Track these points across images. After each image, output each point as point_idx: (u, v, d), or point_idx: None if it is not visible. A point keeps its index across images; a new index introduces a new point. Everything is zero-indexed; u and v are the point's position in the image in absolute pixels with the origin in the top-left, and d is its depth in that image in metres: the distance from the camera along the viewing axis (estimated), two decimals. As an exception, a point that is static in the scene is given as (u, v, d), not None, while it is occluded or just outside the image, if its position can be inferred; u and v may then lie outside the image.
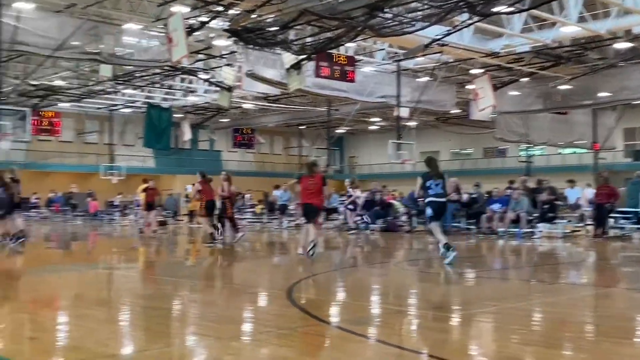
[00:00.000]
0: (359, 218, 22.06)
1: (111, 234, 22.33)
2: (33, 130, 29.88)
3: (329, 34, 19.89)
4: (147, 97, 36.74)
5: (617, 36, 21.48)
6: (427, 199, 11.03)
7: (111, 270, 11.21)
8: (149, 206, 19.83)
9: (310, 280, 7.76)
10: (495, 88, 26.35)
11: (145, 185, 20.15)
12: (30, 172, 41.32)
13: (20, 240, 14.03)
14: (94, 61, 22.74)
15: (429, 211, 11.03)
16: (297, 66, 21.31)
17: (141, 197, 21.59)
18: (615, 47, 22.77)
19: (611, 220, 18.03)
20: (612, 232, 17.67)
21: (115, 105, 39.67)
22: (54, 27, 20.16)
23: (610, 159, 36.99)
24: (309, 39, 20.91)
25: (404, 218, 21.90)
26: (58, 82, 32.13)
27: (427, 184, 10.98)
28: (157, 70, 28.44)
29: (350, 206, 22.59)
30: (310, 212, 11.75)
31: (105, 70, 25.38)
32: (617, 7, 18.82)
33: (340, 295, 7.62)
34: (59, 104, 36.73)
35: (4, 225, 14.36)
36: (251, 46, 21.87)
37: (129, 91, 35.96)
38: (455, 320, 6.14)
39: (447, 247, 10.57)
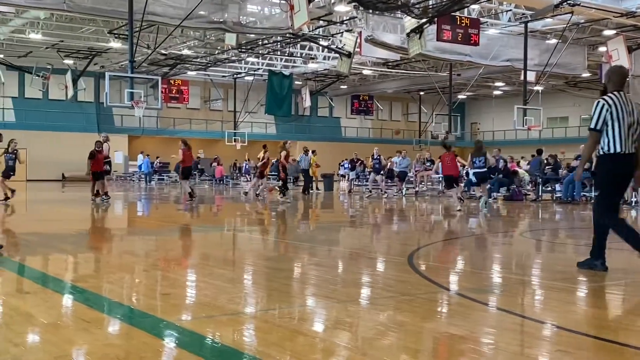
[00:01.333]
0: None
1: (235, 197, 23.15)
2: (163, 98, 31.34)
3: (452, -4, 19.34)
4: (269, 65, 37.48)
5: None
6: (473, 171, 16.11)
7: (235, 232, 11.65)
8: (261, 174, 20.63)
9: (431, 248, 7.70)
10: (630, 50, 24.73)
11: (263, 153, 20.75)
12: (161, 138, 43.55)
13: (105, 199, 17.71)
14: (219, 30, 23.42)
15: (473, 179, 16.49)
16: (418, 30, 20.95)
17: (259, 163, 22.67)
18: None
19: None
20: None
21: (239, 73, 40.79)
22: (182, -2, 20.94)
23: None
24: (431, 2, 20.44)
25: (529, 187, 21.20)
26: (186, 52, 33.43)
27: (473, 159, 15.88)
28: (279, 38, 28.90)
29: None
30: (449, 181, 15.93)
31: (230, 39, 26.12)
32: None
33: (462, 263, 7.51)
34: (187, 73, 38.27)
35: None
36: (371, 11, 21.69)
37: (252, 59, 36.82)
38: (581, 291, 5.90)
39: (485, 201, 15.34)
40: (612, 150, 6.07)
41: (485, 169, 15.84)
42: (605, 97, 6.15)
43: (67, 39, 32.31)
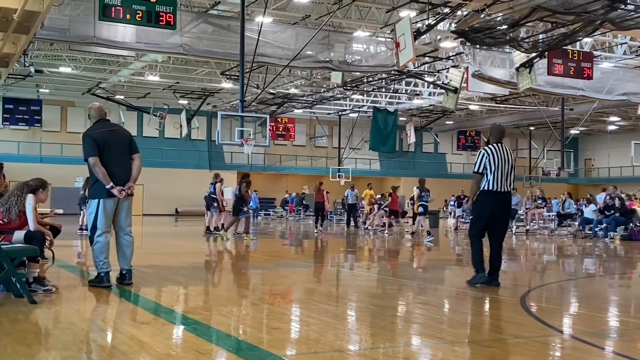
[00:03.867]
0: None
1: (340, 233, 23.24)
2: (271, 135, 32.16)
3: (563, 30, 18.82)
4: (373, 102, 37.74)
5: None
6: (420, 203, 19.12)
7: (339, 268, 11.68)
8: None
9: (544, 288, 7.40)
10: None
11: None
12: (268, 174, 44.60)
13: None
14: (326, 69, 23.87)
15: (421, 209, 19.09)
16: (528, 64, 20.50)
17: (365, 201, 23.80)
18: None
19: None
20: None
21: (344, 110, 41.29)
22: (290, 39, 21.57)
23: None
24: (541, 36, 19.98)
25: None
26: (293, 90, 34.28)
27: (422, 194, 19.15)
28: (384, 75, 29.09)
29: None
30: None
31: (336, 77, 26.54)
32: None
33: (577, 305, 7.17)
34: (293, 111, 39.17)
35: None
36: (478, 46, 21.45)
37: (356, 96, 37.21)
38: None
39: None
40: (487, 188, 7.85)
41: (428, 203, 19.25)
42: (485, 147, 8.04)
43: (182, 80, 33.98)
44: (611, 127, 46.53)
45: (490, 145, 8.02)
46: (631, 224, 20.04)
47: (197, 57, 23.32)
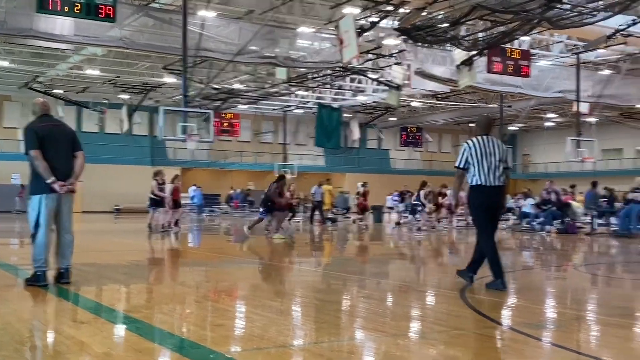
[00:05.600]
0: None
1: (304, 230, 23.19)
2: (215, 131, 31.87)
3: (502, 28, 19.27)
4: (318, 98, 37.82)
5: None
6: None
7: (287, 264, 11.68)
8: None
9: (483, 281, 7.56)
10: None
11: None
12: (212, 171, 44.23)
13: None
14: (270, 64, 23.81)
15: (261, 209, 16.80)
16: (468, 62, 20.89)
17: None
18: None
19: None
20: None
21: (289, 106, 41.25)
22: (234, 33, 21.40)
23: None
24: (480, 34, 20.39)
25: (583, 219, 20.71)
26: (237, 86, 34.05)
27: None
28: (328, 72, 29.18)
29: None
30: None
31: (281, 73, 26.49)
32: None
33: (515, 297, 7.36)
34: (238, 106, 38.89)
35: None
36: (420, 44, 21.76)
37: (301, 92, 37.22)
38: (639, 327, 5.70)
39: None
40: (474, 183, 7.30)
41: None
42: (468, 140, 7.46)
43: (123, 74, 33.30)
44: (548, 124, 47.86)
45: (474, 138, 7.48)
46: (567, 218, 20.70)
47: (138, 50, 22.92)
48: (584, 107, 26.15)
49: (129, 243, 16.05)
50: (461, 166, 7.37)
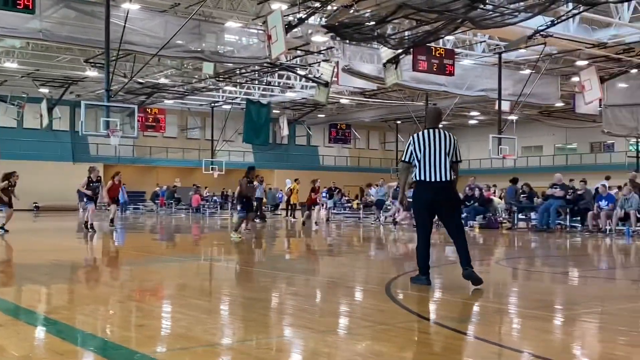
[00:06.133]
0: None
1: (212, 226, 22.98)
2: (140, 127, 31.20)
3: (427, 27, 19.64)
4: (247, 94, 37.59)
5: None
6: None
7: (212, 262, 11.55)
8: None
9: (408, 277, 7.69)
10: (603, 80, 25.26)
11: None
12: (137, 167, 43.29)
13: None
14: (197, 59, 23.48)
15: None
16: (394, 60, 21.20)
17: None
18: None
19: None
20: None
21: (216, 101, 40.83)
22: (159, 27, 20.98)
23: None
24: (406, 33, 20.72)
25: (504, 215, 21.36)
26: (163, 80, 33.43)
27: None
28: (256, 67, 29.04)
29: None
30: None
31: (208, 68, 26.19)
32: None
33: (439, 292, 7.52)
34: (164, 101, 38.20)
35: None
36: (348, 41, 21.92)
37: (229, 88, 36.90)
38: (558, 320, 5.92)
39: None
40: (417, 178, 7.08)
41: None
42: (414, 134, 7.20)
43: (43, 67, 32.14)
44: (472, 122, 49.14)
45: (421, 132, 7.20)
46: (489, 213, 21.31)
47: (58, 43, 22.17)
48: (505, 106, 26.96)
49: (51, 242, 15.51)
50: (406, 160, 7.20)
